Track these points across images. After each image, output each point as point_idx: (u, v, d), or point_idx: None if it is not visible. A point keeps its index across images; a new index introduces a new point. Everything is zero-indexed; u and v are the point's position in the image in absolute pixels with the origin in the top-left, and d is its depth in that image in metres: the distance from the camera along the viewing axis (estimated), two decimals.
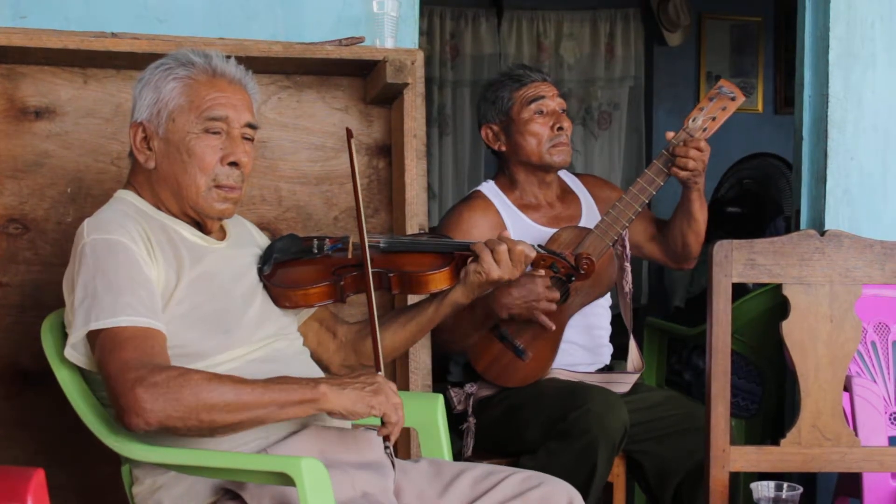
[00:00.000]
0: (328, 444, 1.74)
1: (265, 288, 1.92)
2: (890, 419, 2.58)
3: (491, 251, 1.91)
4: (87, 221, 1.75)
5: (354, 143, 1.95)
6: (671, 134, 2.46)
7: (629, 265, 2.59)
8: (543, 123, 2.56)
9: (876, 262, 2.15)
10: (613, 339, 2.72)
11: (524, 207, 2.62)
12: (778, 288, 2.17)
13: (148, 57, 1.97)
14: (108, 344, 1.63)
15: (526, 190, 2.63)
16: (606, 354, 2.67)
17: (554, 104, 2.58)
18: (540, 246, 2.00)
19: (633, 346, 2.61)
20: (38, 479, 1.26)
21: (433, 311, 1.99)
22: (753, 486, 1.92)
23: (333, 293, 1.92)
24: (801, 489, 1.90)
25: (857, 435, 2.18)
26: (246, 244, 1.97)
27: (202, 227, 1.87)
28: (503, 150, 2.63)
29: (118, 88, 2.32)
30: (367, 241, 1.88)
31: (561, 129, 2.56)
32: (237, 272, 1.88)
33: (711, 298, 2.11)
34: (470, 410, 2.52)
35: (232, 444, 1.70)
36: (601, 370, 2.63)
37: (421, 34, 2.91)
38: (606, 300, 2.67)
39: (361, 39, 2.38)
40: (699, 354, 3.78)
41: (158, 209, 1.84)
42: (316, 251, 1.97)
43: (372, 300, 1.83)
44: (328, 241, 1.98)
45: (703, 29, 5.67)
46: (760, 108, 5.71)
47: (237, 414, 1.60)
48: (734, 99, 2.45)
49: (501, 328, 2.45)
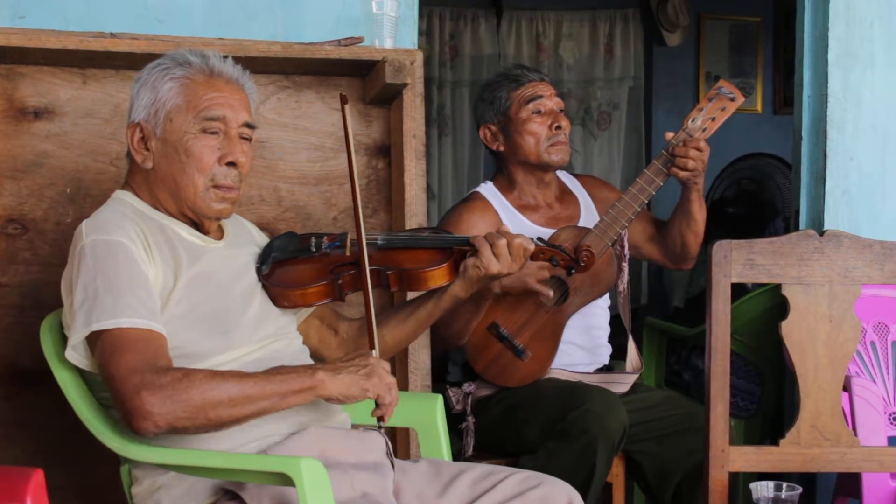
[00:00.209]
0: (328, 444, 1.74)
1: (264, 287, 1.91)
2: (889, 419, 2.58)
3: (490, 245, 1.91)
4: (85, 222, 1.75)
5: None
6: (670, 134, 2.47)
7: (626, 265, 2.59)
8: (541, 123, 2.57)
9: (875, 262, 2.15)
10: (613, 339, 2.72)
11: (523, 208, 2.62)
12: (777, 288, 2.17)
13: (147, 57, 1.97)
14: (109, 346, 1.63)
15: (524, 190, 2.64)
16: (605, 355, 2.67)
17: (552, 103, 2.59)
18: (539, 239, 1.99)
19: (631, 346, 2.61)
20: (37, 479, 1.26)
21: (432, 305, 1.99)
22: (753, 486, 1.92)
23: (332, 292, 1.92)
24: (800, 489, 1.90)
25: (856, 435, 2.18)
26: (244, 243, 1.97)
27: (200, 226, 1.87)
28: (501, 150, 2.63)
29: (117, 89, 2.31)
30: (364, 237, 1.88)
31: (559, 128, 2.56)
32: (236, 272, 1.88)
33: (710, 298, 2.11)
34: (469, 410, 2.52)
35: (232, 444, 1.70)
36: (600, 370, 2.63)
37: (420, 34, 2.91)
38: (605, 301, 2.67)
39: (360, 40, 2.38)
40: (698, 355, 3.78)
41: (156, 209, 1.84)
42: (314, 249, 1.96)
43: (367, 286, 1.82)
44: (326, 238, 1.98)
45: (702, 29, 5.67)
46: (759, 108, 5.70)
47: (242, 408, 1.62)
48: (733, 99, 2.45)
49: (500, 328, 2.45)
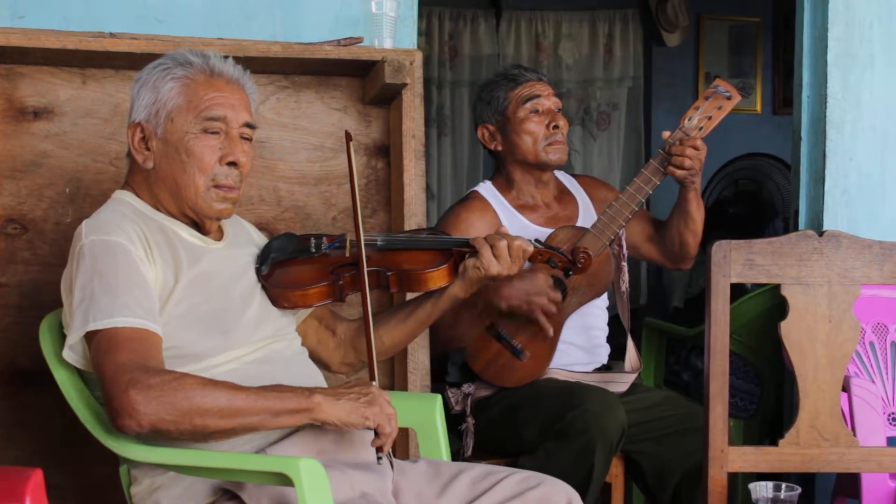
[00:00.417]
0: (327, 444, 1.74)
1: (263, 288, 1.91)
2: (888, 419, 2.58)
3: (490, 247, 1.92)
4: (85, 222, 1.75)
5: (353, 144, 1.95)
6: (667, 133, 2.47)
7: (626, 265, 2.59)
8: (539, 122, 2.57)
9: (874, 262, 2.15)
10: (612, 339, 2.72)
11: (521, 208, 2.62)
12: (776, 288, 2.17)
13: (146, 57, 1.97)
14: (104, 345, 1.63)
15: (523, 190, 2.64)
16: (604, 354, 2.67)
17: (549, 103, 2.59)
18: (537, 241, 2.00)
19: (630, 345, 2.61)
20: (36, 479, 1.26)
21: (431, 306, 1.99)
22: (752, 486, 1.92)
23: (332, 293, 1.92)
24: (799, 489, 1.90)
25: (855, 435, 2.18)
26: (244, 244, 1.97)
27: (200, 227, 1.87)
28: (500, 149, 2.63)
29: (117, 88, 2.31)
30: (363, 241, 1.88)
31: (557, 127, 2.56)
32: (235, 272, 1.88)
33: (710, 299, 2.11)
34: (468, 411, 2.52)
35: (230, 444, 1.69)
36: (598, 370, 2.63)
37: (419, 34, 2.91)
38: (603, 300, 2.67)
39: (360, 40, 2.38)
40: (698, 355, 3.78)
41: (156, 209, 1.84)
42: (313, 250, 1.96)
43: (367, 307, 1.82)
44: (325, 239, 1.97)
45: (701, 29, 5.67)
46: (759, 108, 5.71)
47: (230, 420, 1.60)
48: (730, 98, 2.45)
49: (499, 328, 2.45)
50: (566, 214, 2.65)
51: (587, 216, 2.64)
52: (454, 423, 2.50)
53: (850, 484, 2.42)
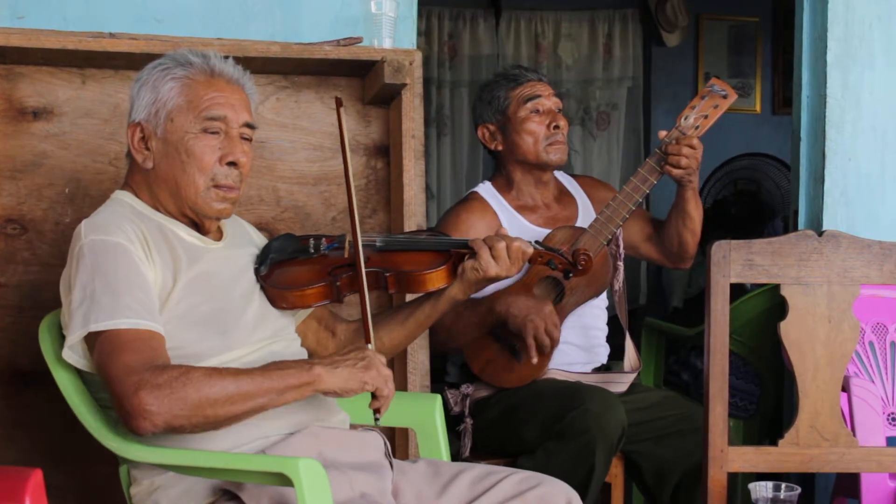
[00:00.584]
0: (326, 444, 1.74)
1: (262, 289, 1.91)
2: (888, 419, 2.58)
3: (489, 248, 1.92)
4: (84, 222, 1.75)
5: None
6: (664, 132, 2.48)
7: (622, 264, 2.59)
8: (539, 122, 2.57)
9: (874, 262, 2.15)
10: (612, 340, 2.71)
11: (521, 208, 2.62)
12: (776, 288, 2.16)
13: (146, 57, 1.97)
14: (108, 347, 1.63)
15: (522, 190, 2.64)
16: (603, 354, 2.67)
17: (550, 103, 2.59)
18: (537, 242, 2.00)
19: (629, 345, 2.61)
20: (35, 479, 1.26)
21: (430, 307, 1.99)
22: (752, 486, 1.92)
23: (330, 293, 1.91)
24: (799, 489, 1.90)
25: (854, 435, 2.18)
26: (243, 244, 1.97)
27: (199, 227, 1.86)
28: (500, 149, 2.63)
29: (116, 89, 2.31)
30: (360, 239, 1.87)
31: (557, 127, 2.57)
32: (235, 273, 1.88)
33: (709, 299, 2.11)
34: (467, 411, 2.52)
35: (231, 444, 1.70)
36: (597, 370, 2.63)
37: (419, 34, 2.92)
38: (602, 300, 2.67)
39: (359, 40, 2.38)
40: (697, 355, 3.78)
41: (156, 210, 1.84)
42: (312, 251, 1.96)
43: (363, 283, 1.82)
44: (325, 240, 1.97)
45: (700, 29, 5.67)
46: (758, 108, 5.71)
47: (240, 405, 1.62)
48: (726, 97, 2.45)
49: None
50: (566, 215, 2.65)
51: (587, 217, 2.64)
52: (453, 423, 2.50)
53: (849, 484, 2.42)
